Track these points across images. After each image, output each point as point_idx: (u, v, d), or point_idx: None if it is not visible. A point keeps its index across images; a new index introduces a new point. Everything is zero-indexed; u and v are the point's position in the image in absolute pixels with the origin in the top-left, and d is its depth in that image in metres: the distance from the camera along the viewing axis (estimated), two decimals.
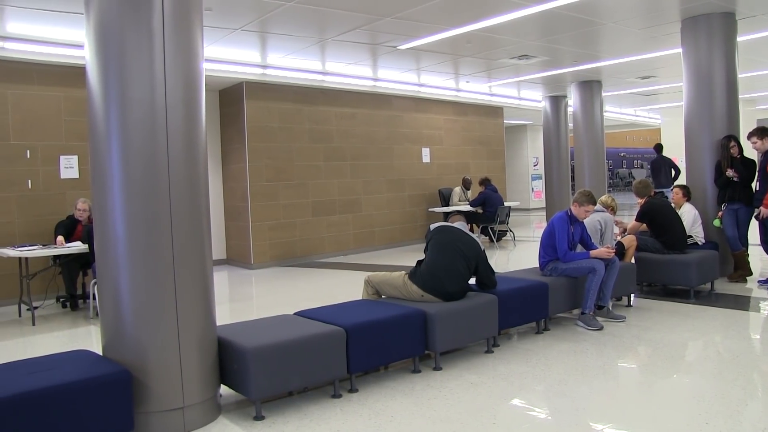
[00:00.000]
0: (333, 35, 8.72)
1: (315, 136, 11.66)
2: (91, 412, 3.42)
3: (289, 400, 4.34)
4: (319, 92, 11.67)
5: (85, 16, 3.91)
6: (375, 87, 12.37)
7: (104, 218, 3.85)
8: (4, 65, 8.27)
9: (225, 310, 7.50)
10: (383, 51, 9.81)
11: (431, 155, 13.92)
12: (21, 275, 7.46)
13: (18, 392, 3.21)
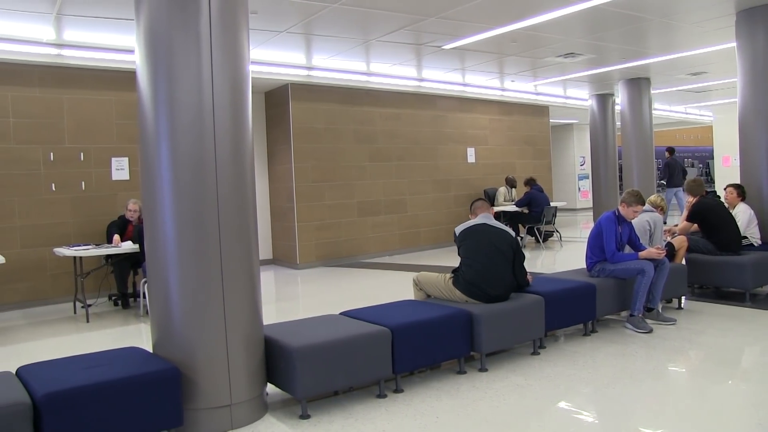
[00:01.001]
0: (377, 36, 8.74)
1: (360, 137, 11.71)
2: (143, 407, 3.50)
3: (334, 399, 4.36)
4: (364, 93, 11.71)
5: (135, 21, 4.01)
6: (419, 87, 12.36)
7: (154, 219, 3.93)
8: (60, 71, 8.53)
9: (271, 309, 7.58)
10: (428, 51, 9.80)
11: (476, 155, 13.84)
12: (76, 274, 7.67)
13: (75, 386, 3.33)
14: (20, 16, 7.09)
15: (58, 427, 3.23)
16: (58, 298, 8.39)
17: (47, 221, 8.47)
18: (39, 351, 5.97)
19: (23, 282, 8.29)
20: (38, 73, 8.42)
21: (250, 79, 4.13)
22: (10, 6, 6.77)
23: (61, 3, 6.68)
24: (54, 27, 7.55)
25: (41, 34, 7.77)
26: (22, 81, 8.32)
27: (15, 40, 7.83)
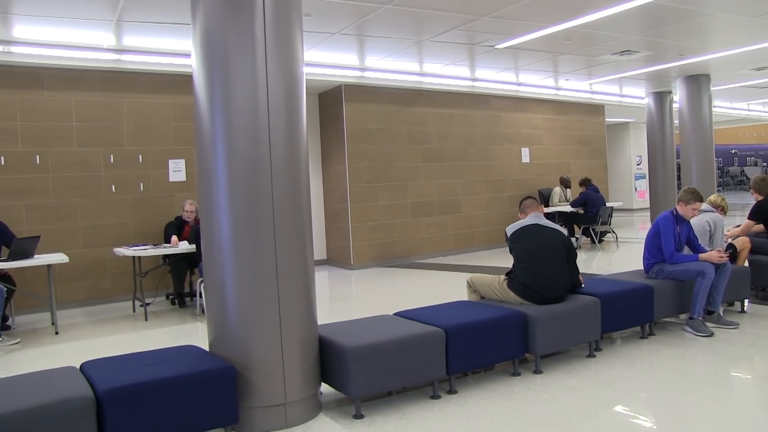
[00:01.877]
0: (430, 36, 8.73)
1: (413, 138, 11.70)
2: (199, 404, 3.57)
3: (388, 399, 4.37)
4: (417, 93, 11.70)
5: (191, 26, 4.09)
6: (473, 87, 12.29)
7: (210, 220, 4.00)
8: (120, 76, 8.77)
9: (326, 309, 7.61)
10: (481, 51, 9.74)
11: (531, 155, 13.70)
12: (135, 273, 7.87)
13: (135, 382, 3.42)
14: (83, 23, 7.31)
15: (119, 421, 3.32)
16: (118, 296, 8.63)
17: (108, 222, 8.71)
18: (100, 347, 6.14)
19: (85, 281, 8.55)
20: (99, 78, 8.67)
21: (304, 81, 4.17)
22: (73, 14, 6.99)
23: (121, 10, 6.86)
24: (114, 33, 7.76)
25: (102, 40, 8.00)
26: (85, 86, 8.59)
27: (78, 47, 8.11)
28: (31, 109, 8.29)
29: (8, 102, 8.15)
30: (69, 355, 5.79)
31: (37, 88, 8.32)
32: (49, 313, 7.23)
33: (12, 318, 7.42)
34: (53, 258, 7.09)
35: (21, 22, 7.22)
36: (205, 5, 3.96)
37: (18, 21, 7.19)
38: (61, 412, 3.18)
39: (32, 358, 6.07)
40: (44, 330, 7.20)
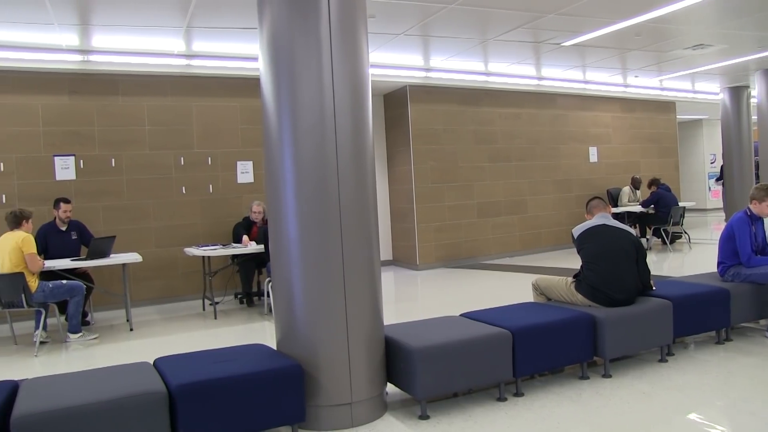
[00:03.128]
0: (495, 35, 8.65)
1: (479, 138, 11.63)
2: (267, 401, 3.64)
3: (453, 401, 4.35)
4: (483, 93, 11.62)
5: (258, 30, 4.17)
6: (539, 86, 12.13)
7: (278, 220, 4.07)
8: (190, 81, 9.01)
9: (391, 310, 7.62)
10: (546, 49, 9.60)
11: (599, 154, 13.42)
12: (204, 273, 8.07)
13: (206, 378, 3.53)
14: (155, 31, 7.54)
15: (191, 416, 3.42)
16: (188, 295, 8.85)
17: (178, 222, 8.96)
18: (172, 344, 6.32)
19: (157, 279, 8.81)
20: (170, 83, 8.93)
21: (369, 83, 4.19)
22: (146, 23, 7.22)
23: (190, 16, 7.04)
24: (184, 39, 7.97)
25: (173, 46, 8.23)
26: (156, 91, 8.85)
27: (150, 54, 8.36)
28: (107, 115, 8.59)
29: (86, 108, 8.48)
30: (143, 351, 5.96)
31: (113, 94, 8.63)
32: (124, 310, 7.48)
33: (91, 314, 7.73)
34: (128, 257, 7.34)
35: (99, 32, 7.51)
36: (271, 9, 4.03)
37: (96, 31, 7.48)
38: (136, 406, 3.31)
39: (109, 353, 6.30)
40: (120, 326, 7.45)
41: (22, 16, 6.79)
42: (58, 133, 8.34)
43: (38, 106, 8.24)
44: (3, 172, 8.04)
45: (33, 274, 6.46)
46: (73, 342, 6.71)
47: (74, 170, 8.40)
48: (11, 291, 6.30)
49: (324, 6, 3.92)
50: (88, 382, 3.58)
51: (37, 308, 6.53)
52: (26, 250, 6.39)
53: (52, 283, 6.56)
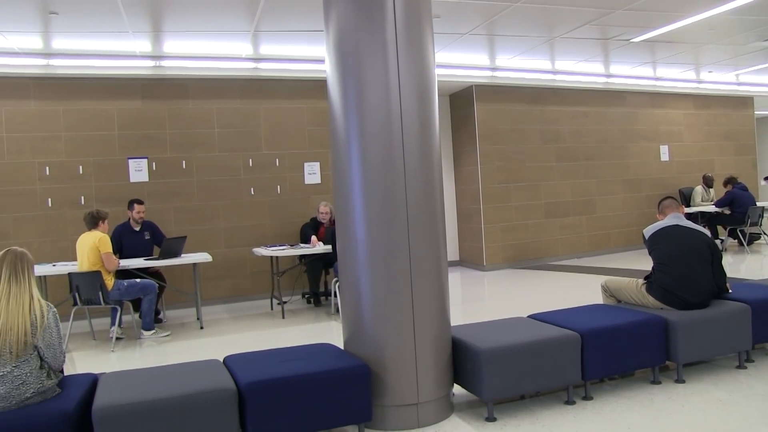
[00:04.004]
0: (562, 33, 8.51)
1: (546, 137, 11.46)
2: (334, 400, 3.67)
3: (521, 403, 4.30)
4: (550, 92, 11.45)
5: (325, 32, 4.21)
6: (607, 84, 11.88)
7: (345, 221, 4.10)
8: (257, 83, 9.17)
9: (458, 310, 7.60)
10: (615, 45, 9.39)
11: (670, 153, 13.04)
12: (272, 273, 8.20)
13: (274, 377, 3.59)
14: (223, 35, 7.71)
15: (259, 413, 3.49)
16: (257, 294, 9.00)
17: (247, 223, 9.12)
18: (241, 342, 6.43)
19: (227, 279, 8.99)
20: (238, 86, 9.11)
21: (436, 83, 4.18)
22: (214, 28, 7.40)
23: (257, 20, 7.17)
24: (251, 43, 8.12)
25: (240, 50, 8.40)
26: (225, 94, 9.04)
27: (218, 58, 8.58)
28: (178, 118, 8.83)
29: (158, 112, 8.73)
30: (213, 349, 6.09)
31: (183, 97, 8.86)
32: (195, 308, 7.66)
33: (163, 312, 7.95)
34: (198, 257, 7.51)
35: (170, 38, 7.73)
36: (337, 12, 4.06)
37: (167, 37, 7.70)
38: (207, 402, 3.40)
39: (180, 350, 6.47)
40: (190, 324, 7.64)
41: (100, 25, 7.05)
42: (132, 137, 8.62)
43: (113, 111, 8.54)
44: (81, 175, 8.36)
45: (109, 273, 6.69)
46: (146, 338, 6.92)
47: (147, 172, 8.67)
48: (89, 288, 6.54)
49: (389, 7, 3.93)
50: (162, 378, 3.69)
51: (113, 306, 6.76)
52: (103, 250, 6.63)
53: (126, 281, 6.78)
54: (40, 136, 8.23)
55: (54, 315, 3.44)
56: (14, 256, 3.42)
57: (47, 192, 8.24)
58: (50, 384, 3.37)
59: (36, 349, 3.32)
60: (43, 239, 8.13)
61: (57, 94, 8.30)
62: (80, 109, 8.39)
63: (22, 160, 8.15)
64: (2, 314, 3.24)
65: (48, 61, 8.04)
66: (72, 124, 8.36)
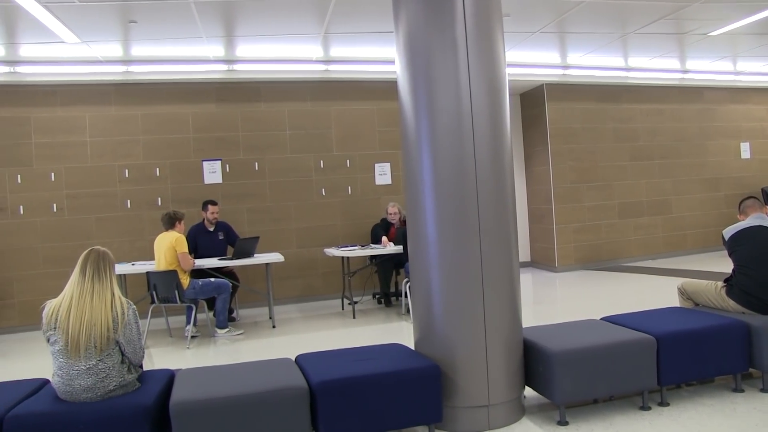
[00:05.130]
0: (635, 28, 8.29)
1: (620, 135, 11.20)
2: (405, 400, 3.68)
3: (594, 407, 4.21)
4: (623, 89, 11.18)
5: (394, 33, 4.23)
6: (683, 80, 11.51)
7: (417, 221, 4.10)
8: (327, 85, 9.28)
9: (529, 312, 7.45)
10: (692, 40, 9.09)
11: (752, 150, 12.54)
12: (343, 273, 8.27)
13: (346, 376, 3.64)
14: (294, 39, 7.82)
15: (330, 412, 3.53)
16: (328, 294, 9.09)
17: (318, 224, 9.23)
18: (312, 341, 6.49)
19: (298, 279, 9.12)
20: (309, 89, 9.23)
21: (506, 82, 4.14)
22: (285, 31, 7.51)
23: (327, 23, 7.24)
24: (322, 45, 8.21)
25: (311, 53, 8.50)
26: (296, 96, 9.19)
27: (289, 61, 8.71)
28: (251, 120, 9.01)
29: (231, 115, 8.93)
30: (285, 347, 6.19)
31: (255, 100, 9.04)
32: (267, 308, 7.80)
33: (236, 311, 8.13)
34: (271, 257, 7.65)
35: (242, 42, 7.90)
36: (407, 12, 4.08)
37: (240, 41, 7.87)
38: (279, 400, 3.47)
39: (253, 348, 6.60)
40: (263, 323, 7.78)
41: (175, 32, 7.26)
42: (207, 140, 8.85)
43: (188, 115, 8.78)
44: (158, 177, 8.63)
45: (185, 272, 6.88)
46: (220, 337, 7.09)
47: (221, 174, 8.88)
48: (166, 287, 6.74)
49: (459, 7, 3.92)
50: (235, 375, 3.78)
51: (188, 304, 6.95)
52: (179, 250, 6.82)
53: (201, 280, 6.95)
54: (120, 140, 8.55)
55: (133, 312, 3.57)
56: (97, 255, 3.56)
57: (126, 194, 8.55)
58: (131, 378, 3.51)
59: (117, 344, 3.45)
60: (123, 239, 8.44)
61: (135, 99, 8.61)
62: (157, 114, 8.68)
63: (103, 163, 8.48)
64: (87, 310, 3.38)
65: (127, 68, 8.34)
66: (149, 128, 8.65)
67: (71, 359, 3.33)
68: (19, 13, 6.17)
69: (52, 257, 8.19)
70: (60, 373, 3.37)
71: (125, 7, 6.35)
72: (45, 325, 3.42)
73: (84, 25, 6.79)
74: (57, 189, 8.33)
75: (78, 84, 8.37)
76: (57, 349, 3.38)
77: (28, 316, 7.94)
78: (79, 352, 3.32)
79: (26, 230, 8.22)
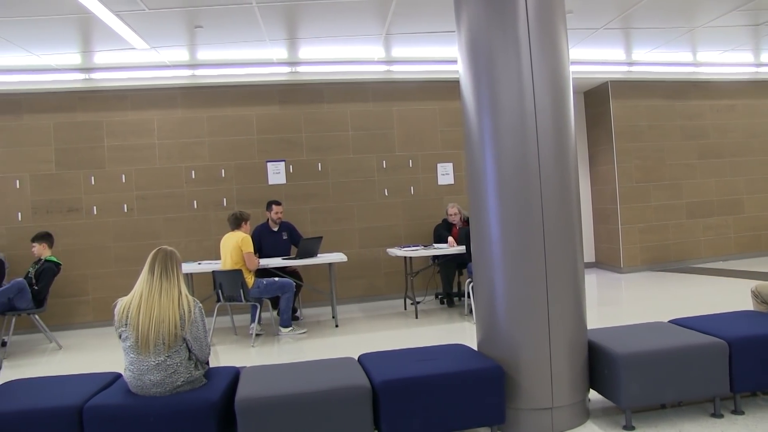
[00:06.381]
0: (705, 22, 8.04)
1: (688, 133, 10.88)
2: (468, 401, 3.67)
3: (661, 412, 4.11)
4: (691, 85, 10.86)
5: (456, 32, 4.22)
6: (757, 74, 11.09)
7: (480, 221, 4.08)
8: (390, 86, 9.32)
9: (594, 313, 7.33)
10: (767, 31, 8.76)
11: None
12: (406, 273, 8.29)
13: (408, 376, 3.65)
14: (355, 40, 7.88)
15: (393, 411, 3.55)
16: (390, 294, 9.13)
17: (380, 224, 9.27)
18: (375, 341, 6.53)
19: (361, 279, 9.18)
20: (371, 89, 9.29)
21: (570, 80, 4.08)
22: (347, 33, 7.57)
23: (389, 24, 7.26)
24: (383, 46, 8.24)
25: (373, 53, 8.54)
26: (358, 97, 9.25)
27: (351, 62, 8.77)
28: (314, 122, 9.12)
29: (295, 116, 9.06)
30: (347, 347, 6.25)
31: (318, 101, 9.14)
32: (330, 307, 7.87)
33: (300, 310, 8.23)
34: (334, 257, 7.72)
35: (305, 44, 8.00)
36: (468, 11, 4.06)
37: (302, 44, 7.97)
38: (342, 398, 3.50)
39: (316, 347, 6.68)
40: (326, 322, 7.86)
41: (239, 35, 7.40)
42: (270, 141, 8.99)
43: (252, 117, 8.94)
44: (224, 178, 8.82)
45: (250, 272, 7.01)
46: (284, 335, 7.19)
47: (284, 175, 9.01)
48: (232, 286, 6.88)
49: (521, 5, 3.88)
50: (299, 373, 3.83)
51: (253, 303, 7.07)
52: (245, 249, 6.95)
53: (266, 280, 7.06)
54: (187, 142, 8.77)
55: (200, 310, 3.65)
56: (165, 255, 3.66)
57: (193, 194, 8.76)
58: (198, 374, 3.60)
59: (185, 341, 3.54)
60: (189, 239, 8.65)
61: (201, 102, 8.82)
62: (222, 116, 8.87)
63: (171, 165, 8.72)
64: (155, 308, 3.48)
65: (193, 71, 8.55)
66: (215, 130, 8.85)
67: (141, 355, 3.44)
68: (94, 22, 6.44)
69: (122, 256, 8.47)
70: (131, 368, 3.49)
71: (192, 13, 6.53)
72: (117, 322, 3.55)
73: (153, 32, 7.01)
74: (127, 190, 8.61)
75: (147, 88, 8.64)
76: (128, 345, 3.50)
77: (101, 312, 8.24)
78: (149, 348, 3.43)
79: (99, 230, 8.53)
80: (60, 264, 7.42)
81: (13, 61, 7.77)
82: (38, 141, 8.45)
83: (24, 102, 8.42)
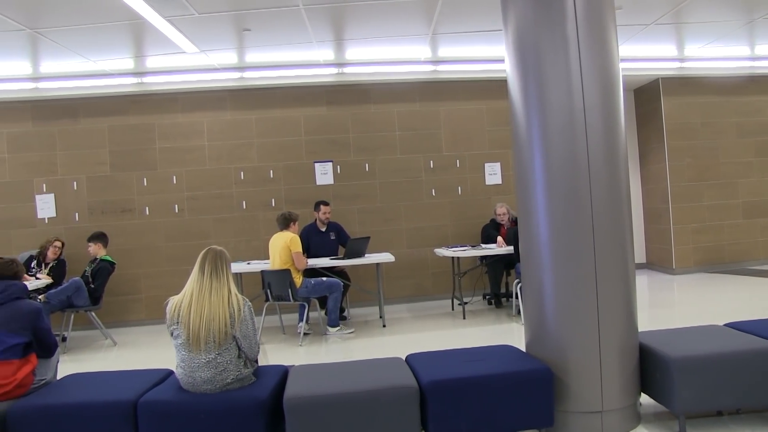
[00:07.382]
0: (764, 13, 7.80)
1: (744, 130, 10.58)
2: (516, 403, 3.63)
3: (717, 420, 3.99)
4: (748, 80, 10.55)
5: (503, 31, 4.19)
6: None
7: (528, 221, 4.04)
8: (436, 86, 9.30)
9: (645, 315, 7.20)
10: None
11: None
12: (453, 273, 8.26)
13: (456, 377, 3.64)
14: (402, 40, 7.89)
15: (440, 412, 3.53)
16: (438, 294, 9.10)
17: (428, 224, 9.26)
18: (422, 341, 6.50)
19: (409, 279, 9.18)
20: (418, 89, 9.28)
21: (620, 78, 4.01)
22: (393, 33, 7.59)
23: (435, 24, 7.25)
24: (430, 46, 8.23)
25: (419, 53, 8.54)
26: (405, 97, 9.26)
27: (398, 62, 8.79)
28: (361, 122, 9.16)
29: (342, 117, 9.11)
30: (395, 347, 6.24)
31: (365, 102, 9.18)
32: (378, 307, 7.89)
33: (347, 310, 8.26)
34: (382, 257, 7.74)
35: (351, 45, 8.05)
36: (515, 9, 4.03)
37: (349, 45, 8.02)
38: (390, 398, 3.50)
39: (364, 346, 6.70)
40: (373, 322, 7.88)
41: (287, 38, 7.48)
42: (318, 142, 9.06)
43: (300, 118, 9.03)
44: (272, 179, 8.92)
45: (298, 271, 7.07)
46: (331, 335, 7.23)
47: (332, 175, 9.07)
48: (280, 286, 6.95)
49: (570, 2, 3.83)
50: (347, 373, 3.85)
51: (301, 302, 7.13)
52: (293, 249, 7.02)
53: (314, 280, 7.12)
54: (236, 144, 8.90)
55: (249, 308, 3.70)
56: (215, 254, 3.72)
57: (242, 195, 8.88)
58: (247, 372, 3.65)
59: (234, 339, 3.59)
60: (239, 239, 8.77)
61: (250, 103, 8.94)
62: (270, 117, 8.97)
63: (220, 166, 8.86)
64: (206, 306, 3.54)
65: (242, 74, 8.68)
66: (263, 131, 8.96)
67: (192, 352, 3.51)
68: (146, 27, 6.60)
69: (174, 255, 8.63)
70: (183, 365, 3.56)
71: (240, 16, 6.62)
72: (168, 320, 3.62)
73: (202, 36, 7.13)
74: (178, 191, 8.78)
75: (197, 91, 8.80)
76: (179, 342, 3.57)
77: (153, 310, 8.42)
78: (200, 345, 3.49)
79: (151, 230, 8.71)
80: (114, 263, 7.62)
81: (71, 68, 8.03)
82: (94, 144, 8.69)
83: (81, 106, 8.67)
